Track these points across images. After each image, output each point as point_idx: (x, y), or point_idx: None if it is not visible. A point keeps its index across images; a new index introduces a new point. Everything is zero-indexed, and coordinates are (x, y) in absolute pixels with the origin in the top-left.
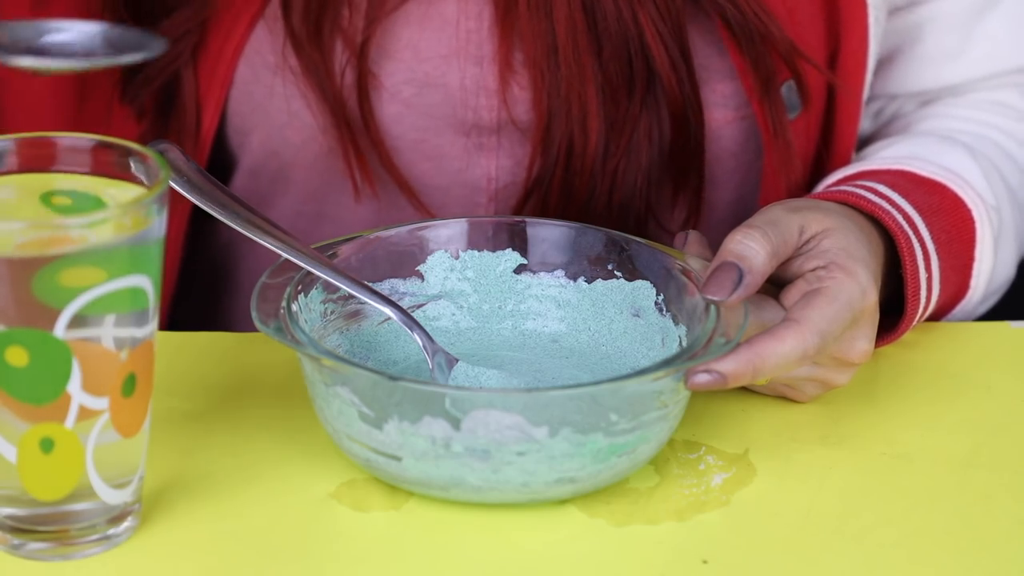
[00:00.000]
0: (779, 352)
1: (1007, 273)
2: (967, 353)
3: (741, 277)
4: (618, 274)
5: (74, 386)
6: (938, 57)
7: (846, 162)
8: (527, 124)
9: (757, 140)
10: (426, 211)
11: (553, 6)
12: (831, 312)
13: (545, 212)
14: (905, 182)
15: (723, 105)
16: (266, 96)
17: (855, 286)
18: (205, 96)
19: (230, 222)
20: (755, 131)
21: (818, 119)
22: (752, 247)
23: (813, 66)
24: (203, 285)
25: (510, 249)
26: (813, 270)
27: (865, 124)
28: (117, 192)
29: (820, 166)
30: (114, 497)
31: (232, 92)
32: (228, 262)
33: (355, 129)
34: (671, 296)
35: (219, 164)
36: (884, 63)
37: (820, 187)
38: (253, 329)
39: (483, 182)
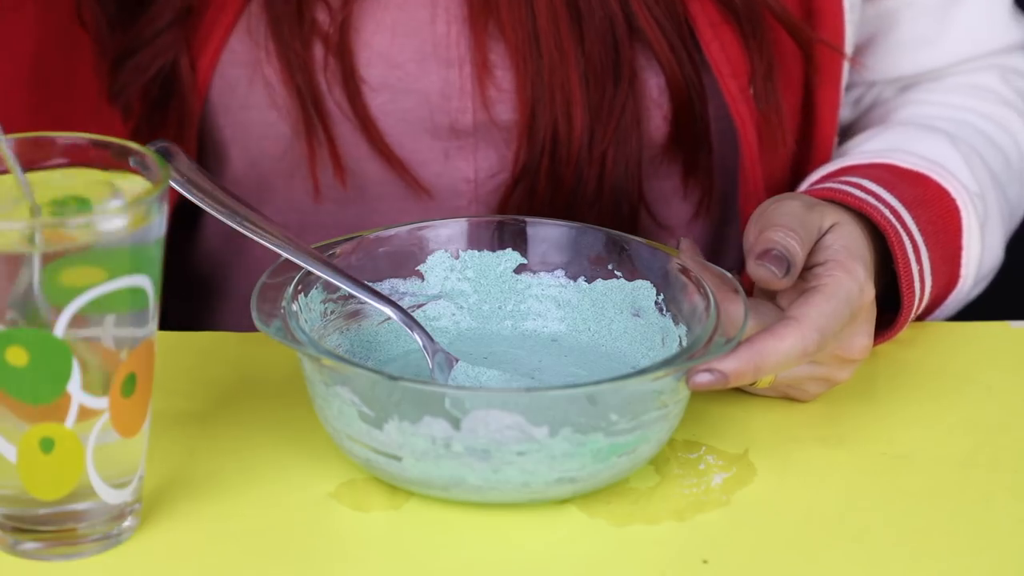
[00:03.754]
0: (780, 350)
1: (995, 256)
2: (967, 353)
3: (789, 268)
4: (618, 274)
5: (74, 386)
6: (915, 42)
7: (827, 152)
8: (507, 124)
9: (732, 134)
10: (421, 188)
11: None
12: (830, 309)
13: (533, 200)
14: (889, 175)
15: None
16: (240, 109)
17: (853, 283)
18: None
19: (231, 222)
20: (729, 123)
21: (796, 108)
22: (795, 247)
23: (824, 43)
24: (189, 295)
25: (510, 249)
26: (811, 268)
27: (845, 112)
28: (117, 190)
29: (801, 157)
30: (114, 497)
31: (208, 104)
32: (217, 269)
33: (328, 120)
34: (671, 296)
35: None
36: (861, 50)
37: (804, 185)
38: (247, 331)
39: (462, 185)
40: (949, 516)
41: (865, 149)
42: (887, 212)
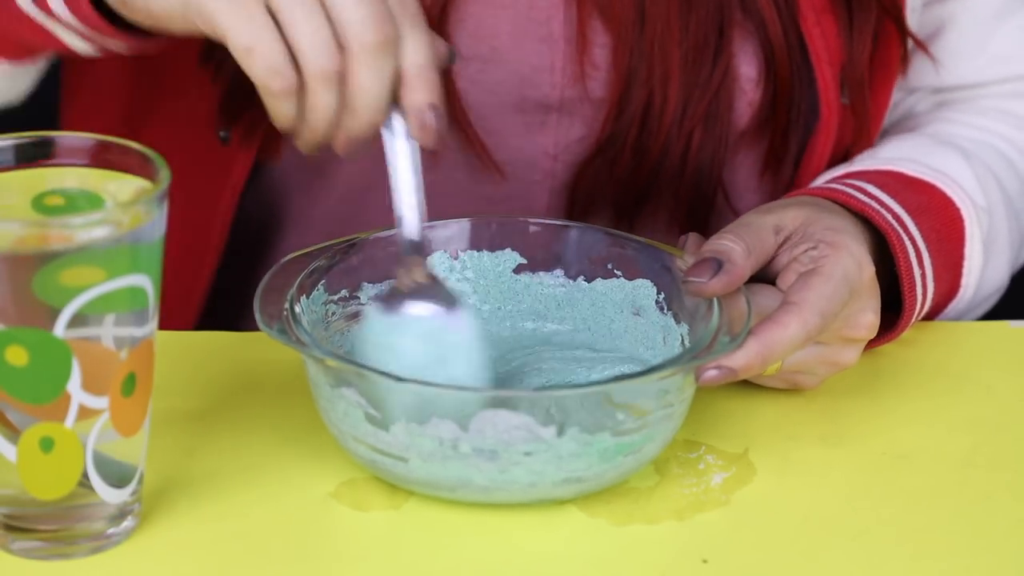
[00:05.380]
0: (784, 338)
1: (999, 279)
2: (967, 352)
3: (720, 266)
4: (618, 273)
5: (74, 385)
6: (958, 53)
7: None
8: (597, 99)
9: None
10: (497, 170)
11: None
12: (829, 290)
13: (612, 173)
14: (894, 182)
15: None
16: None
17: (850, 260)
18: None
19: None
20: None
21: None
22: (726, 243)
23: (911, 36)
24: (249, 241)
25: (509, 249)
26: (804, 252)
27: None
28: (116, 189)
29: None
30: (114, 497)
31: None
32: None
33: None
34: (672, 294)
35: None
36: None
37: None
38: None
39: (541, 158)
40: (949, 516)
41: (876, 156)
42: (888, 216)
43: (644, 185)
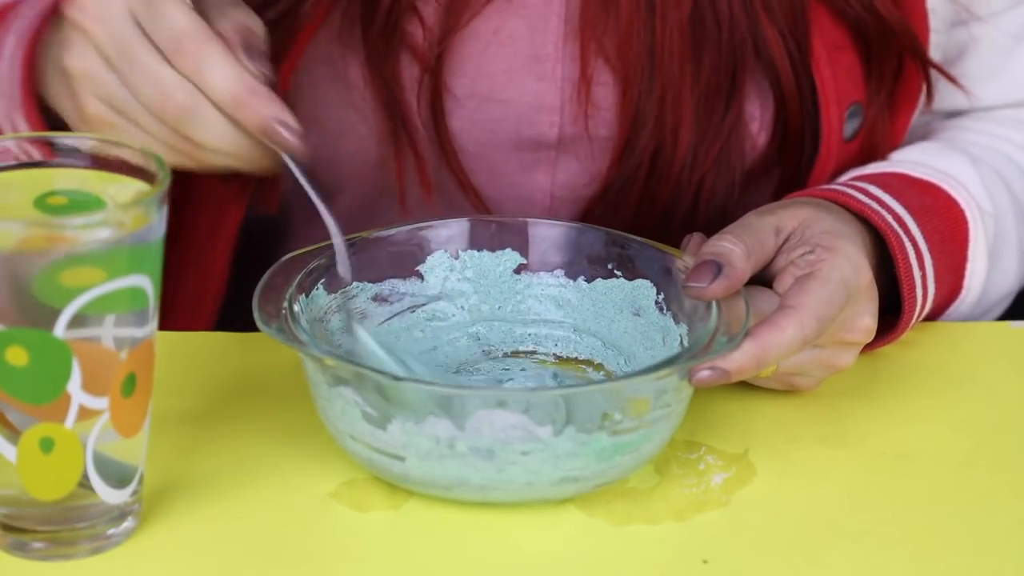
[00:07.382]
0: (781, 341)
1: (1008, 285)
2: (967, 353)
3: (720, 269)
4: (618, 273)
5: (74, 386)
6: (976, 78)
7: None
8: (598, 139)
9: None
10: (486, 210)
11: (658, 5)
12: (826, 295)
13: (615, 216)
14: (897, 183)
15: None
16: (318, 106)
17: (847, 264)
18: None
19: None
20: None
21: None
22: (726, 245)
23: (934, 66)
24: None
25: (509, 249)
26: (801, 255)
27: None
28: (116, 191)
29: None
30: (114, 497)
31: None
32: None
33: (416, 137)
34: (671, 295)
35: None
36: None
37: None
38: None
39: (537, 196)
40: (949, 516)
41: (885, 160)
42: (889, 217)
43: (652, 228)
